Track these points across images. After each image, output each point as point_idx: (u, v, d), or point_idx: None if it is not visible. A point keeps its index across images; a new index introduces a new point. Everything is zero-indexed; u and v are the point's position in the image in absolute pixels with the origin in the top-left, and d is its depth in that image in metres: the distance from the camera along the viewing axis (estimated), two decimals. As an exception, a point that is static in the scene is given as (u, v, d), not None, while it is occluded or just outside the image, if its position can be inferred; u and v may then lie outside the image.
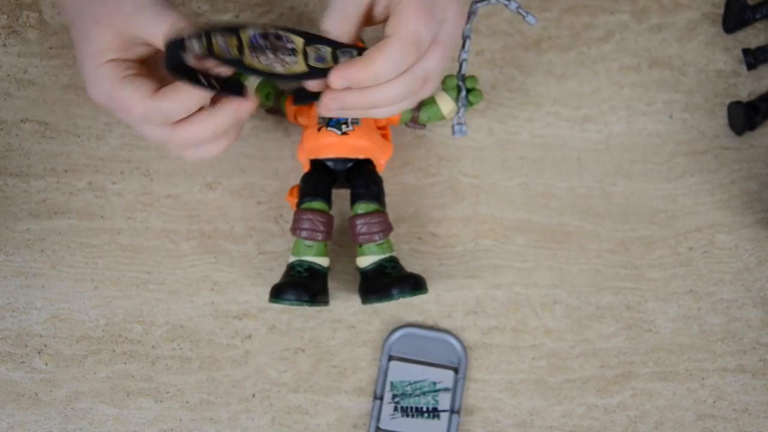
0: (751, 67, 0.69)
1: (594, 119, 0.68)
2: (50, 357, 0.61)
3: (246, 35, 0.50)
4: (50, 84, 0.65)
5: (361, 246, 0.59)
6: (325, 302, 0.59)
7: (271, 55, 0.50)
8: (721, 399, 0.63)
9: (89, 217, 0.63)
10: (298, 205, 0.59)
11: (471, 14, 0.64)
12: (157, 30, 0.50)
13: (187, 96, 0.50)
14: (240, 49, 0.50)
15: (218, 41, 0.49)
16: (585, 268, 0.65)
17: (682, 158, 0.68)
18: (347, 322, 0.63)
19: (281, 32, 0.51)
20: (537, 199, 0.66)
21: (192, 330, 0.62)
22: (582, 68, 0.69)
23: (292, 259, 0.59)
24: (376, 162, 0.61)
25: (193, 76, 0.49)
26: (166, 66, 0.49)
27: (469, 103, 0.65)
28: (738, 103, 0.67)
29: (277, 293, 0.57)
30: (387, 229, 0.59)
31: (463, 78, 0.65)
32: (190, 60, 0.49)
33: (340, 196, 0.62)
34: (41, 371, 0.60)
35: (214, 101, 0.52)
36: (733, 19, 0.69)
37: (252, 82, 0.62)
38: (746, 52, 0.69)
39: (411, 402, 0.60)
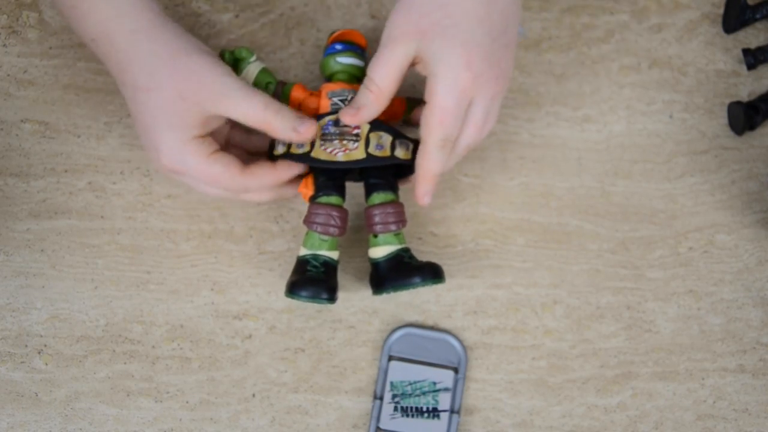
0: (751, 67, 0.69)
1: (594, 119, 0.68)
2: (50, 357, 0.61)
3: (322, 123, 0.58)
4: (50, 84, 0.65)
5: (376, 236, 0.59)
6: (336, 299, 0.59)
7: (336, 142, 0.57)
8: (721, 399, 0.63)
9: (89, 217, 0.63)
10: (313, 198, 0.59)
11: None
12: (248, 112, 0.55)
13: (269, 176, 0.57)
14: (312, 141, 0.58)
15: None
16: (585, 268, 0.65)
17: (682, 158, 0.68)
18: (347, 322, 0.63)
19: None
20: (537, 199, 0.66)
21: (192, 330, 0.62)
22: (582, 68, 0.69)
23: (304, 252, 0.59)
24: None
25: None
26: (270, 158, 0.59)
27: (469, 103, 0.65)
28: (738, 103, 0.67)
29: (295, 289, 0.57)
30: (403, 219, 0.60)
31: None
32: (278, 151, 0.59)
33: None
34: (41, 371, 0.60)
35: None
36: (733, 19, 0.69)
37: (251, 73, 0.63)
38: (746, 52, 0.69)
39: (411, 402, 0.60)
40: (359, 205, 0.64)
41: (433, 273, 0.59)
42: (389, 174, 0.61)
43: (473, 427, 0.62)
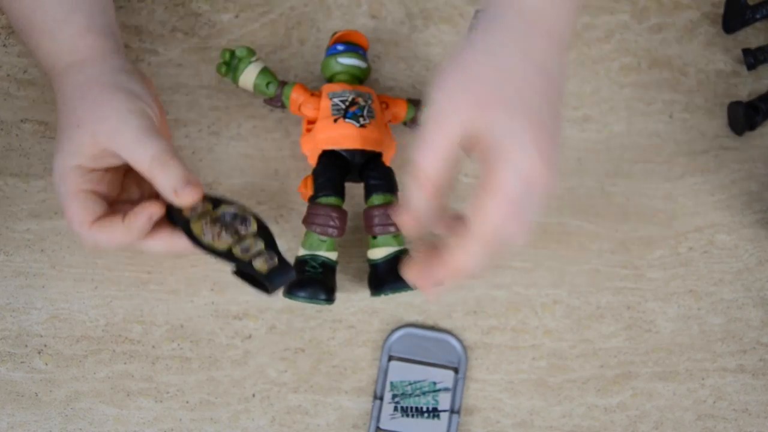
0: (751, 67, 0.69)
1: (594, 119, 0.68)
2: (50, 357, 0.61)
3: (218, 212, 0.55)
4: (50, 84, 0.65)
5: (375, 237, 0.59)
6: (334, 299, 0.59)
7: (219, 225, 0.54)
8: (721, 399, 0.63)
9: (89, 217, 0.63)
10: (313, 198, 0.59)
11: (474, 23, 0.64)
12: (136, 156, 0.51)
13: (120, 236, 0.52)
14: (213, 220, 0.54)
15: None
16: (585, 268, 0.65)
17: (682, 158, 0.68)
18: (347, 322, 0.63)
19: (249, 216, 0.55)
20: (537, 199, 0.66)
21: (192, 330, 0.62)
22: (582, 68, 0.69)
23: (303, 252, 0.59)
24: (384, 156, 0.62)
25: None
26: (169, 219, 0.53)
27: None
28: (738, 103, 0.67)
29: (293, 289, 0.58)
30: None
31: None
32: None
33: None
34: (41, 371, 0.60)
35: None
36: (733, 19, 0.69)
37: (251, 73, 0.62)
38: (746, 52, 0.69)
39: (411, 402, 0.60)
40: (359, 205, 0.64)
41: None
42: (390, 175, 0.61)
43: (473, 427, 0.62)
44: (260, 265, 0.53)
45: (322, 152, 0.61)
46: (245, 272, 0.54)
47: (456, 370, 0.61)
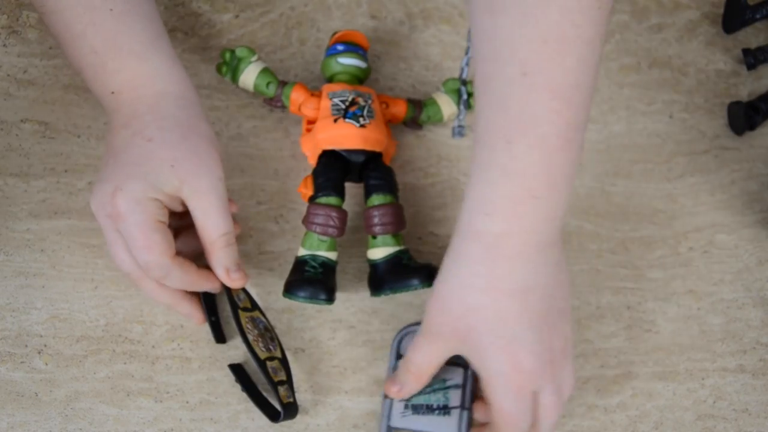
0: (751, 67, 0.69)
1: (594, 119, 0.68)
2: (50, 357, 0.61)
3: (256, 313, 0.59)
4: (50, 84, 0.65)
5: (375, 237, 0.59)
6: (334, 299, 0.59)
7: (256, 332, 0.59)
8: (721, 399, 0.63)
9: (89, 217, 0.63)
10: (313, 198, 0.59)
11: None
12: (212, 227, 0.54)
13: (191, 277, 0.55)
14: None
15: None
16: (585, 268, 0.65)
17: (682, 158, 0.68)
18: (347, 322, 0.63)
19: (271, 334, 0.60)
20: (537, 199, 0.66)
21: (192, 330, 0.62)
22: (582, 68, 0.69)
23: (303, 252, 0.59)
24: (384, 156, 0.62)
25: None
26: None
27: (469, 106, 0.65)
28: (738, 103, 0.68)
29: (293, 289, 0.58)
30: (403, 221, 0.60)
31: (465, 82, 0.65)
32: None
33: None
34: (41, 371, 0.60)
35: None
36: (733, 19, 0.69)
37: (251, 73, 0.62)
38: (746, 52, 0.69)
39: (421, 400, 0.60)
40: (359, 205, 0.64)
41: (431, 275, 0.59)
42: (389, 175, 0.61)
43: (473, 427, 0.62)
44: (283, 392, 0.57)
45: (322, 152, 0.61)
46: (250, 386, 0.60)
47: (466, 367, 0.61)
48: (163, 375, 0.61)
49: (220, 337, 0.61)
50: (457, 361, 0.60)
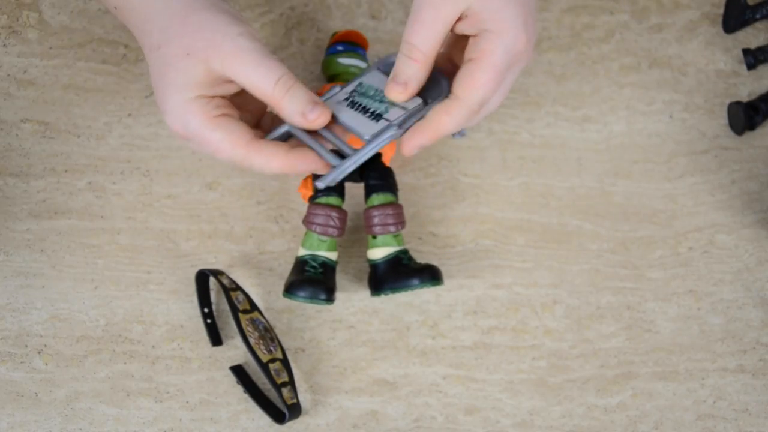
0: (751, 67, 0.69)
1: (594, 119, 0.68)
2: (50, 357, 0.61)
3: (255, 315, 0.59)
4: (50, 84, 0.65)
5: (375, 237, 0.59)
6: (334, 299, 0.59)
7: (257, 335, 0.58)
8: (721, 399, 0.63)
9: (89, 217, 0.63)
10: (312, 198, 0.59)
11: None
12: (256, 81, 0.49)
13: (278, 161, 0.51)
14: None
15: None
16: (585, 268, 0.65)
17: (682, 158, 0.68)
18: (347, 322, 0.63)
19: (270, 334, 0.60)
20: (537, 199, 0.66)
21: (192, 330, 0.62)
22: (582, 68, 0.69)
23: (303, 252, 0.59)
24: (384, 156, 0.62)
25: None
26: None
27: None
28: (738, 103, 0.67)
29: (293, 289, 0.58)
30: (402, 221, 0.60)
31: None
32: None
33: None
34: (41, 371, 0.60)
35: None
36: (733, 19, 0.69)
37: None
38: (746, 52, 0.69)
39: (364, 100, 0.55)
40: (358, 205, 0.64)
41: (431, 275, 0.59)
42: (389, 175, 0.61)
43: (473, 427, 0.62)
44: (286, 394, 0.57)
45: (322, 152, 0.61)
46: (252, 388, 0.60)
47: (426, 102, 0.54)
48: (163, 375, 0.61)
49: (216, 339, 0.61)
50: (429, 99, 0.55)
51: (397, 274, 0.59)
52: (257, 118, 0.56)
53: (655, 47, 0.70)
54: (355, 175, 0.62)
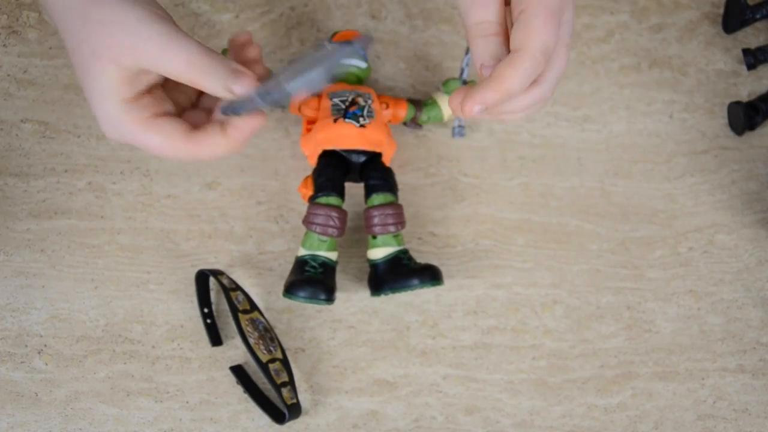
0: (751, 67, 0.69)
1: (594, 119, 0.68)
2: (50, 357, 0.61)
3: (255, 315, 0.59)
4: (50, 84, 0.65)
5: (375, 237, 0.59)
6: (334, 299, 0.59)
7: (256, 335, 0.59)
8: (721, 399, 0.63)
9: (89, 217, 0.63)
10: (313, 198, 0.59)
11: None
12: (169, 67, 0.46)
13: (222, 146, 0.48)
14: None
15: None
16: (585, 268, 0.65)
17: (682, 158, 0.68)
18: (347, 322, 0.63)
19: (271, 336, 0.60)
20: (537, 199, 0.66)
21: (192, 330, 0.62)
22: (582, 68, 0.69)
23: (303, 252, 0.59)
24: (384, 156, 0.62)
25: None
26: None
27: (469, 104, 0.65)
28: (738, 103, 0.67)
29: (293, 289, 0.58)
30: (402, 221, 0.60)
31: (465, 82, 0.65)
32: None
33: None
34: (41, 371, 0.60)
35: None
36: (733, 19, 0.69)
37: None
38: (746, 52, 0.69)
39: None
40: (358, 205, 0.64)
41: (431, 275, 0.59)
42: (389, 175, 0.61)
43: (473, 427, 0.62)
44: (286, 394, 0.57)
45: (322, 152, 0.61)
46: (252, 388, 0.60)
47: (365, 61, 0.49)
48: (163, 375, 0.61)
49: (216, 339, 0.61)
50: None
51: (397, 274, 0.59)
52: (195, 92, 0.53)
53: (655, 47, 0.70)
54: (355, 176, 0.62)
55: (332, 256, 0.59)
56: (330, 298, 0.58)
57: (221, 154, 0.49)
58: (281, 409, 0.59)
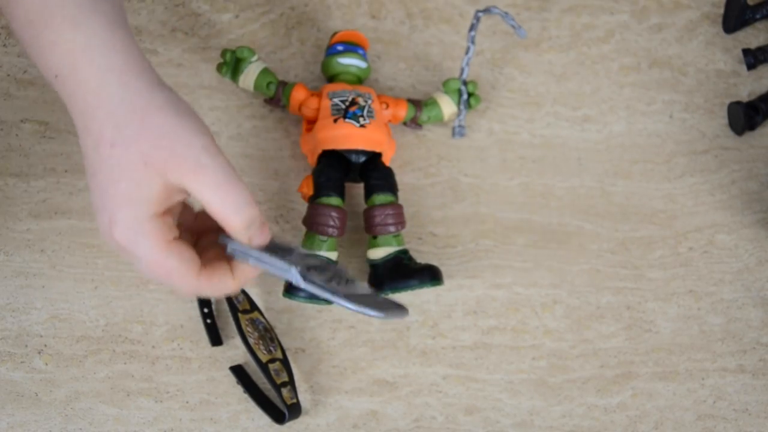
0: (751, 67, 0.69)
1: (594, 119, 0.68)
2: (50, 357, 0.61)
3: (255, 315, 0.59)
4: (50, 84, 0.65)
5: (375, 237, 0.60)
6: None
7: (256, 335, 0.58)
8: (721, 399, 0.63)
9: (89, 217, 0.63)
10: (313, 198, 0.59)
11: (474, 23, 0.64)
12: (218, 204, 0.44)
13: (227, 285, 0.47)
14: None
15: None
16: (585, 268, 0.65)
17: (682, 158, 0.68)
18: (347, 322, 0.63)
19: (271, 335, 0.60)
20: (537, 199, 0.66)
21: (192, 330, 0.62)
22: (582, 68, 0.69)
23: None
24: (384, 156, 0.62)
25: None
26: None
27: (469, 106, 0.65)
28: (738, 103, 0.67)
29: (293, 289, 0.58)
30: (403, 221, 0.60)
31: (465, 82, 0.65)
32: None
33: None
34: (41, 371, 0.60)
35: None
36: (733, 19, 0.69)
37: (252, 73, 0.62)
38: (746, 52, 0.69)
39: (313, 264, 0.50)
40: (359, 205, 0.64)
41: (431, 275, 0.59)
42: (390, 175, 0.61)
43: (473, 427, 0.62)
44: (286, 394, 0.57)
45: (322, 152, 0.61)
46: (252, 388, 0.60)
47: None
48: (163, 375, 0.61)
49: (216, 339, 0.61)
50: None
51: (397, 274, 0.59)
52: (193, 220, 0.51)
53: (655, 47, 0.70)
54: (355, 176, 0.62)
55: (332, 256, 0.59)
56: None
57: (224, 294, 0.48)
58: (281, 409, 0.59)
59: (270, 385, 0.57)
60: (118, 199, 0.44)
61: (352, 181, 0.62)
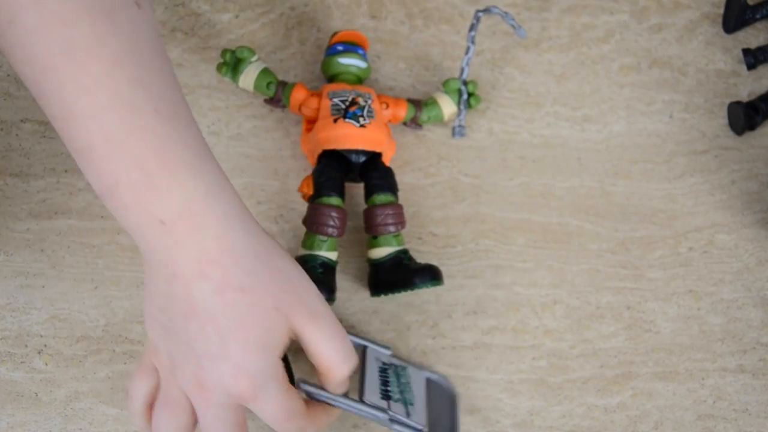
0: (751, 67, 0.69)
1: (594, 119, 0.68)
2: (50, 357, 0.61)
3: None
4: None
5: (375, 237, 0.60)
6: (334, 299, 0.59)
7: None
8: (721, 399, 0.63)
9: (89, 217, 0.63)
10: (313, 198, 0.59)
11: (474, 23, 0.64)
12: (329, 353, 0.46)
13: (324, 421, 0.50)
14: None
15: None
16: (585, 268, 0.65)
17: (682, 158, 0.68)
18: (347, 322, 0.63)
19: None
20: (537, 199, 0.66)
21: (192, 330, 0.62)
22: (582, 68, 0.69)
23: (302, 252, 0.59)
24: (384, 156, 0.62)
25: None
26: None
27: (470, 106, 0.65)
28: (738, 103, 0.68)
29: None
30: (403, 221, 0.60)
31: (465, 82, 0.65)
32: None
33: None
34: (41, 371, 0.60)
35: None
36: (733, 19, 0.69)
37: (252, 73, 0.62)
38: (746, 52, 0.69)
39: (392, 379, 0.57)
40: (359, 205, 0.64)
41: (431, 275, 0.59)
42: (390, 175, 0.61)
43: (473, 427, 0.62)
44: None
45: (322, 152, 0.61)
46: None
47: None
48: (163, 375, 0.61)
49: None
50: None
51: (397, 274, 0.59)
52: None
53: (655, 47, 0.70)
54: (355, 176, 0.62)
55: (332, 256, 0.59)
56: (330, 298, 0.58)
57: (316, 429, 0.49)
58: None
59: None
60: (251, 346, 0.44)
61: (352, 181, 0.62)
